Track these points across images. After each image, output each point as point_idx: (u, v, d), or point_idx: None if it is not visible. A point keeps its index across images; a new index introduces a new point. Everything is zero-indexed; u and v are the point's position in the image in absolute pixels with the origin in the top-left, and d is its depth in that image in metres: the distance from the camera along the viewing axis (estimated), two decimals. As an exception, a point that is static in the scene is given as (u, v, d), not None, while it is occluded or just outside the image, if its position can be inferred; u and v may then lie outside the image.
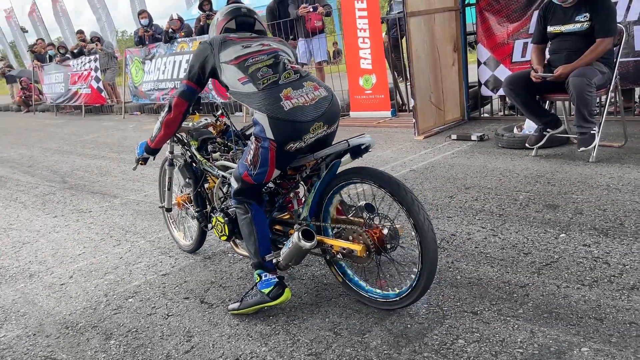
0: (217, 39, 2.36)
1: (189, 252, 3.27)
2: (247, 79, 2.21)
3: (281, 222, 2.57)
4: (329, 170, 2.29)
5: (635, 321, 1.97)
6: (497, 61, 5.73)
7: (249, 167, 2.27)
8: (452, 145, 5.12)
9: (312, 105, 2.17)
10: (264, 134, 2.16)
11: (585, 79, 3.70)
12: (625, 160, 3.85)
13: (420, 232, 2.04)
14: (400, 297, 2.20)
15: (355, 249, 2.18)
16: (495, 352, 1.91)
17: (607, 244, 2.61)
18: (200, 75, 2.38)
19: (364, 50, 6.50)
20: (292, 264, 2.39)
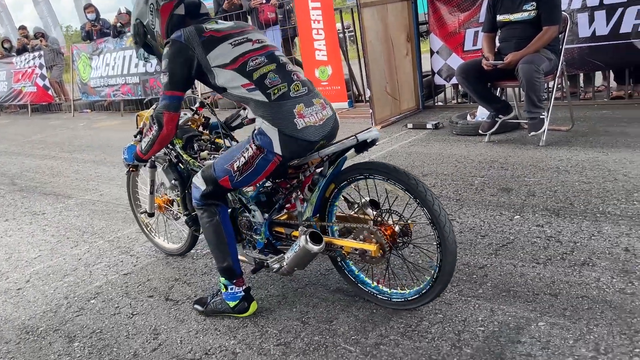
0: (192, 36, 2.13)
1: (178, 255, 3.09)
2: (253, 87, 2.09)
3: (282, 224, 2.39)
4: (335, 167, 2.17)
5: (587, 295, 2.08)
6: (450, 50, 5.86)
7: (233, 173, 2.14)
8: (408, 134, 5.22)
9: (320, 125, 2.12)
10: (271, 147, 2.06)
11: (533, 66, 3.84)
12: (572, 143, 4.02)
13: (442, 235, 1.94)
14: (419, 294, 2.09)
15: (369, 249, 2.04)
16: (458, 332, 1.98)
17: (559, 223, 2.73)
18: (185, 81, 2.18)
19: (318, 42, 6.50)
20: (298, 269, 2.25)
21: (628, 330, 1.84)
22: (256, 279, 2.66)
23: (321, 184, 2.18)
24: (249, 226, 2.44)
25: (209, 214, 2.27)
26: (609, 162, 3.47)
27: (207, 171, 2.24)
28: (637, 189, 2.97)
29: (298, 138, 2.06)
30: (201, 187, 2.24)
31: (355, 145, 2.12)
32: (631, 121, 4.38)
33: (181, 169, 2.73)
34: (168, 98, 2.19)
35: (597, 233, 2.56)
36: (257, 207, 2.38)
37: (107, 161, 6.15)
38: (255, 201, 2.40)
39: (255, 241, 2.45)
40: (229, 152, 2.22)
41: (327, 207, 2.26)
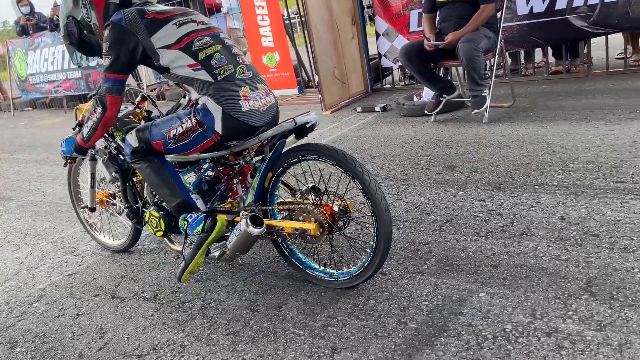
0: (134, 19, 2.11)
1: (122, 251, 3.04)
2: (199, 67, 2.09)
3: (224, 212, 2.38)
4: (274, 151, 2.19)
5: (525, 264, 2.15)
6: (396, 32, 5.90)
7: (168, 139, 2.16)
8: (357, 118, 5.24)
9: (264, 112, 2.15)
10: (212, 125, 2.07)
11: (473, 44, 3.91)
12: (514, 119, 4.13)
13: (374, 202, 1.99)
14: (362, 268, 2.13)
15: (308, 227, 2.08)
16: (403, 307, 2.01)
17: (500, 196, 2.81)
18: (128, 65, 2.16)
19: (264, 28, 6.44)
20: (240, 253, 2.25)
21: (562, 294, 1.91)
22: (205, 271, 2.63)
23: (261, 169, 2.20)
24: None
25: (145, 160, 2.28)
26: (547, 136, 3.58)
27: (143, 132, 2.24)
28: (572, 160, 3.09)
29: (241, 120, 2.08)
30: (133, 144, 2.26)
31: (295, 130, 2.15)
32: (568, 95, 4.53)
33: (121, 162, 2.69)
34: (110, 81, 2.16)
35: (535, 204, 2.65)
36: (199, 195, 2.37)
37: (50, 160, 5.93)
38: (197, 190, 2.38)
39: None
40: (168, 118, 2.22)
41: (268, 193, 2.27)
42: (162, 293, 2.50)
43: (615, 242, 2.19)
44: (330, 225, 2.10)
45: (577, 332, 1.71)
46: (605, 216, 2.40)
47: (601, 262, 2.06)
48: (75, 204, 3.21)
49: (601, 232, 2.28)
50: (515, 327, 1.80)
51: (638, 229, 2.24)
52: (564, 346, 1.67)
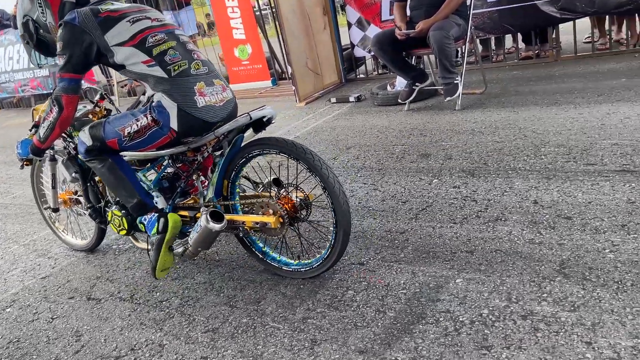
0: (87, 18, 2.09)
1: (87, 250, 3.03)
2: (153, 63, 2.08)
3: (186, 208, 2.40)
4: (232, 146, 2.20)
5: (500, 248, 2.18)
6: (368, 21, 5.89)
7: (122, 137, 2.14)
8: (332, 109, 5.23)
9: (220, 107, 2.14)
10: (167, 122, 2.06)
11: (443, 32, 3.93)
12: (486, 105, 4.17)
13: (331, 194, 2.02)
14: (318, 264, 2.18)
15: (268, 221, 2.10)
16: (382, 297, 2.02)
17: (474, 183, 2.84)
18: (83, 64, 2.14)
19: (234, 20, 6.37)
20: (203, 249, 2.27)
21: (537, 277, 1.94)
22: (182, 269, 2.61)
23: (220, 164, 2.21)
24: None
25: (100, 160, 2.26)
26: (519, 121, 3.63)
27: (96, 130, 2.22)
28: (544, 144, 3.13)
29: (198, 117, 2.08)
30: (87, 142, 2.23)
31: (253, 124, 2.18)
32: (538, 80, 4.59)
33: (81, 162, 2.64)
34: (66, 80, 2.14)
35: (508, 189, 2.68)
36: (160, 193, 2.39)
37: (20, 161, 5.78)
38: (157, 188, 2.40)
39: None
40: (122, 115, 2.20)
41: (229, 187, 2.28)
42: (138, 293, 2.47)
43: (586, 223, 2.23)
44: (290, 217, 2.13)
45: (552, 314, 1.74)
46: (576, 198, 2.45)
47: (574, 244, 2.10)
48: (40, 205, 3.17)
49: (573, 215, 2.32)
50: (491, 311, 1.82)
51: (608, 210, 2.29)
52: (539, 328, 1.69)
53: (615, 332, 1.62)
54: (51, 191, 2.89)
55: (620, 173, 2.59)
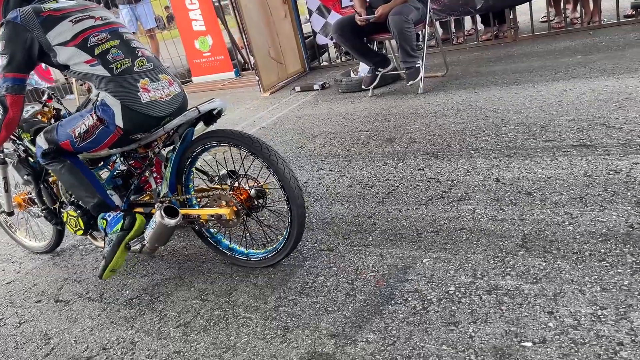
0: (29, 17, 2.07)
1: (45, 252, 2.99)
2: (95, 62, 2.07)
3: (141, 205, 2.42)
4: (183, 141, 2.21)
5: (464, 227, 2.23)
6: (328, 8, 5.88)
7: (74, 138, 2.15)
8: (297, 98, 5.22)
9: (167, 101, 2.14)
10: (112, 119, 2.07)
11: (402, 16, 3.95)
12: (448, 88, 4.23)
13: (284, 183, 2.06)
14: (275, 252, 2.23)
15: (223, 213, 2.13)
16: (352, 280, 2.05)
17: (438, 164, 2.88)
18: (26, 63, 2.11)
19: (193, 12, 6.27)
20: (159, 245, 2.27)
21: (500, 253, 2.00)
22: (151, 265, 2.58)
23: (172, 159, 2.22)
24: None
25: (58, 162, 2.25)
26: (480, 101, 3.69)
27: (50, 133, 2.22)
28: (505, 123, 3.20)
29: (142, 113, 2.08)
30: (43, 146, 2.23)
31: (203, 118, 2.18)
32: (498, 60, 4.67)
33: (33, 163, 2.62)
34: (9, 80, 2.11)
35: (471, 169, 2.73)
36: (115, 191, 2.40)
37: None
38: (111, 186, 2.41)
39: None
40: (72, 117, 2.20)
41: (182, 182, 2.29)
42: (107, 292, 2.43)
43: (546, 198, 2.30)
44: (247, 207, 2.16)
45: (515, 287, 1.80)
46: (536, 174, 2.51)
47: (535, 219, 2.16)
48: None
49: (533, 190, 2.38)
50: (458, 288, 1.86)
51: (567, 184, 2.36)
52: (503, 301, 1.74)
53: (576, 300, 1.68)
54: (4, 195, 2.84)
55: (578, 148, 2.67)
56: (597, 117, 2.96)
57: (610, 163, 2.45)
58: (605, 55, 4.05)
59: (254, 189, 2.19)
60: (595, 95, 3.28)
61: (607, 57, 3.99)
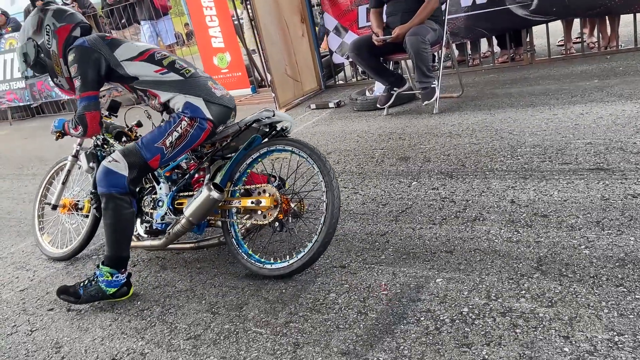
0: (95, 40, 2.39)
1: (60, 259, 3.04)
2: (166, 70, 2.37)
3: (185, 197, 2.50)
4: (249, 145, 2.39)
5: (478, 248, 2.21)
6: (345, 28, 5.94)
7: (165, 150, 2.31)
8: (312, 115, 5.26)
9: (230, 98, 2.46)
10: (202, 114, 2.30)
11: (419, 37, 3.98)
12: (463, 108, 4.23)
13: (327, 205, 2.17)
14: (289, 264, 2.26)
15: (263, 199, 2.25)
16: (364, 299, 2.03)
17: (452, 184, 2.87)
18: (98, 81, 2.38)
19: (213, 29, 6.37)
20: (194, 221, 2.36)
21: (515, 275, 1.97)
22: (162, 277, 2.59)
23: (234, 157, 2.40)
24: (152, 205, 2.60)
25: (128, 204, 2.34)
26: (495, 122, 3.69)
27: (133, 157, 2.32)
28: (520, 145, 3.19)
29: (221, 104, 2.37)
30: (124, 172, 2.31)
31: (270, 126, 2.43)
32: (514, 82, 4.67)
33: (101, 157, 2.78)
34: (85, 99, 2.36)
35: (486, 189, 2.72)
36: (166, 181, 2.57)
37: (-4, 174, 5.70)
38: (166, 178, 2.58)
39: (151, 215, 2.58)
40: (154, 133, 2.35)
41: (234, 180, 2.41)
42: (119, 302, 2.44)
43: (562, 221, 2.27)
44: (282, 210, 2.25)
45: (530, 310, 1.77)
46: (552, 197, 2.49)
47: (550, 241, 2.14)
48: (39, 198, 3.25)
49: (549, 213, 2.36)
50: (471, 309, 1.84)
51: (583, 207, 2.34)
52: (518, 324, 1.72)
53: (592, 325, 1.65)
54: (60, 186, 3.06)
55: (594, 171, 2.64)
56: (614, 141, 2.93)
57: (628, 187, 2.42)
58: (623, 80, 4.03)
59: (295, 202, 2.31)
60: (612, 119, 3.26)
61: (624, 82, 3.97)
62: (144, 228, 2.60)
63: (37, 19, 2.51)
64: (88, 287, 2.37)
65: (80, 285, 2.40)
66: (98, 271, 2.37)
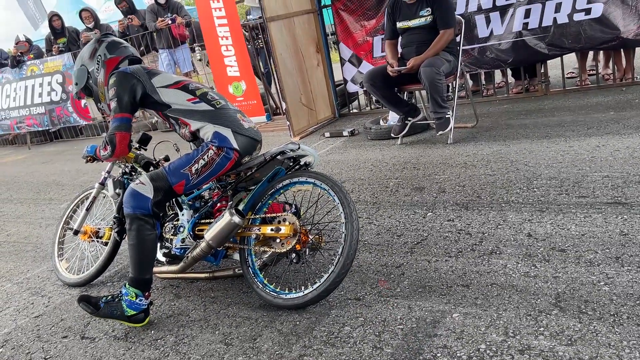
0: (137, 69, 2.52)
1: (75, 286, 3.06)
2: (197, 100, 2.47)
3: (205, 224, 2.53)
4: (273, 178, 2.45)
5: (495, 282, 2.18)
6: (360, 58, 6.01)
7: (190, 176, 2.37)
8: (326, 143, 5.29)
9: (256, 130, 2.53)
10: (230, 144, 2.38)
11: (434, 69, 4.01)
12: (478, 139, 4.23)
13: (345, 239, 2.18)
14: (303, 294, 2.26)
15: (283, 227, 2.29)
16: (379, 332, 2.01)
17: (468, 216, 2.86)
18: (132, 104, 2.47)
19: (228, 58, 6.47)
20: (214, 245, 2.37)
21: (533, 311, 1.94)
22: (177, 306, 2.59)
23: (257, 187, 2.45)
24: (173, 232, 2.65)
25: (151, 226, 2.38)
26: (510, 154, 3.68)
27: (159, 181, 2.39)
28: (536, 177, 3.17)
29: (248, 136, 2.45)
30: (149, 195, 2.36)
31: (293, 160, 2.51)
32: (529, 113, 4.67)
33: (127, 184, 2.88)
34: (118, 120, 2.46)
35: (502, 222, 2.70)
36: (189, 208, 2.61)
37: (14, 198, 5.78)
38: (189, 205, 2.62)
39: (171, 241, 2.63)
40: (181, 160, 2.42)
41: (255, 209, 2.45)
42: (133, 331, 2.44)
43: (581, 256, 2.25)
44: (300, 240, 2.27)
45: (549, 348, 1.74)
46: (570, 231, 2.47)
47: (568, 277, 2.11)
48: (61, 224, 3.31)
49: (567, 247, 2.33)
50: (489, 346, 1.81)
51: (602, 242, 2.31)
52: (537, 363, 1.69)
53: (613, 365, 1.61)
54: (84, 212, 3.13)
55: (612, 205, 2.62)
56: (632, 174, 2.91)
57: (647, 222, 2.39)
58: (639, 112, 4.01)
59: (313, 235, 2.34)
60: (629, 152, 3.23)
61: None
62: (163, 252, 2.64)
63: (92, 48, 2.69)
64: (110, 303, 2.42)
65: (102, 300, 2.44)
66: (125, 289, 2.40)
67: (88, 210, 3.13)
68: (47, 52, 8.91)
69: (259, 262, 2.46)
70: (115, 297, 2.44)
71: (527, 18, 4.90)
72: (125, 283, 2.42)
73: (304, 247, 2.31)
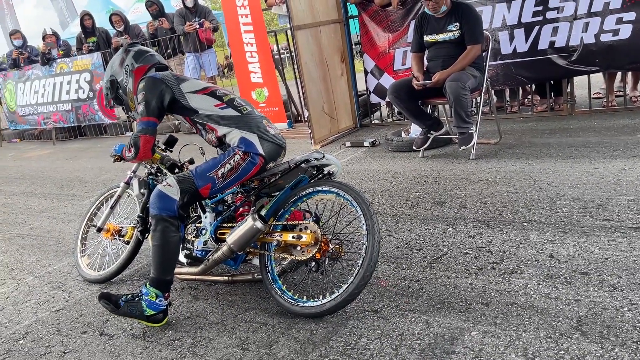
0: (166, 75, 2.59)
1: (95, 282, 3.11)
2: (225, 105, 2.51)
3: (227, 228, 2.56)
4: (296, 185, 2.47)
5: (516, 302, 2.17)
6: (381, 70, 6.03)
7: (216, 180, 2.40)
8: (347, 152, 5.30)
9: (281, 137, 2.56)
10: (255, 149, 2.41)
11: (459, 83, 4.01)
12: (501, 155, 4.21)
13: (366, 249, 2.18)
14: (321, 303, 2.26)
15: (304, 235, 2.30)
16: (396, 346, 2.01)
17: (489, 233, 2.84)
18: (160, 109, 2.51)
19: (252, 65, 6.52)
20: (236, 249, 2.40)
21: (553, 333, 1.93)
22: (195, 308, 2.61)
23: (280, 194, 2.46)
24: (195, 234, 2.66)
25: (176, 228, 2.42)
26: (534, 172, 3.65)
27: (185, 184, 2.42)
28: (559, 197, 3.14)
29: (273, 142, 2.48)
30: (175, 197, 2.40)
31: (317, 168, 2.50)
32: (553, 132, 4.63)
33: (152, 186, 2.94)
34: (144, 123, 2.50)
35: (524, 241, 2.68)
36: (212, 211, 2.63)
37: (38, 192, 5.89)
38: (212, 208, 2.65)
39: (193, 243, 2.64)
40: (208, 164, 2.45)
41: (277, 215, 2.46)
42: (151, 330, 2.47)
43: (604, 280, 2.22)
44: (320, 249, 2.28)
45: (569, 372, 1.72)
46: (593, 254, 2.44)
47: (591, 301, 2.09)
48: (85, 221, 3.37)
49: (590, 270, 2.31)
50: (507, 366, 1.80)
51: (626, 267, 2.28)
52: (556, 386, 1.67)
53: (635, 394, 1.59)
54: (108, 210, 3.18)
55: (638, 230, 2.58)
56: (658, 199, 2.87)
57: (673, 249, 2.36)
58: (667, 136, 3.96)
59: (333, 244, 2.34)
60: (656, 176, 3.19)
61: (668, 138, 3.90)
62: (184, 254, 2.67)
63: (120, 58, 2.76)
64: (130, 302, 2.46)
65: (122, 298, 2.48)
66: (145, 289, 2.43)
67: (112, 208, 3.19)
68: (78, 50, 9.07)
69: (278, 269, 2.47)
70: (135, 296, 2.47)
71: (554, 36, 4.87)
72: (145, 282, 2.45)
73: (323, 256, 2.32)
